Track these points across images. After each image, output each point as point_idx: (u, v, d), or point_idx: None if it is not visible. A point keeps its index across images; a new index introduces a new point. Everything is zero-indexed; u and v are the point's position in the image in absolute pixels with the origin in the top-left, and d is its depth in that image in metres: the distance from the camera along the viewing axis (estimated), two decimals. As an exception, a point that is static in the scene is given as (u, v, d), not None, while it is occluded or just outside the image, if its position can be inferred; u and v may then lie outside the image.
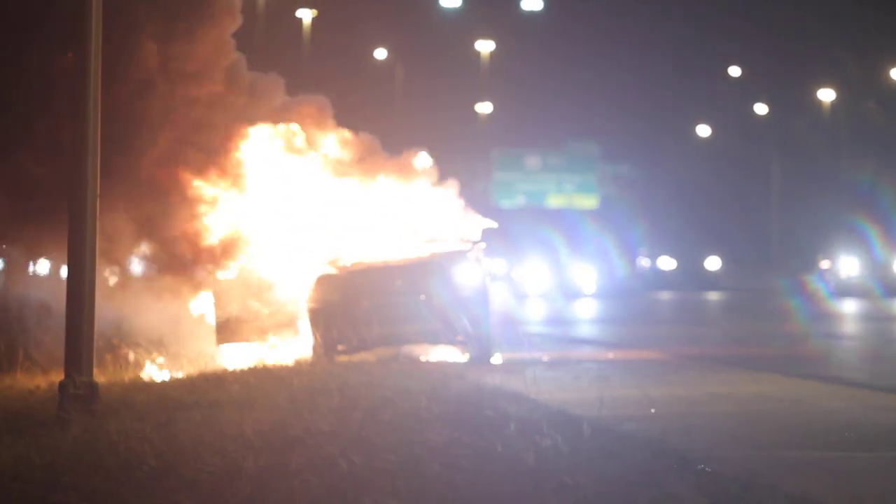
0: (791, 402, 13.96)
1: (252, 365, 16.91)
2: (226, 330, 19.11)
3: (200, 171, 19.11)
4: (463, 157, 65.62)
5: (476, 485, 8.39)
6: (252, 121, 19.64)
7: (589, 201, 72.51)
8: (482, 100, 67.23)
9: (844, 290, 48.98)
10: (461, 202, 20.46)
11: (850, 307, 40.23)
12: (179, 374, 16.83)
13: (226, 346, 19.06)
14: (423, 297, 18.77)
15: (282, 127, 19.84)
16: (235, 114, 19.52)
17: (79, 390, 12.06)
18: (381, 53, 61.53)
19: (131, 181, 18.34)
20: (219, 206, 19.30)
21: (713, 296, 53.89)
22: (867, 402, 14.07)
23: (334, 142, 20.16)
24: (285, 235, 19.58)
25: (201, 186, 19.11)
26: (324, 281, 18.87)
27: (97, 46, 12.38)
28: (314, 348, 18.41)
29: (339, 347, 18.41)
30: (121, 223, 18.12)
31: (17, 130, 18.13)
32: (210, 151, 19.17)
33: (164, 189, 18.89)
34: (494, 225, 20.88)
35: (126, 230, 18.37)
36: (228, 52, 19.54)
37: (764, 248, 73.32)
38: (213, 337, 19.11)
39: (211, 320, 19.31)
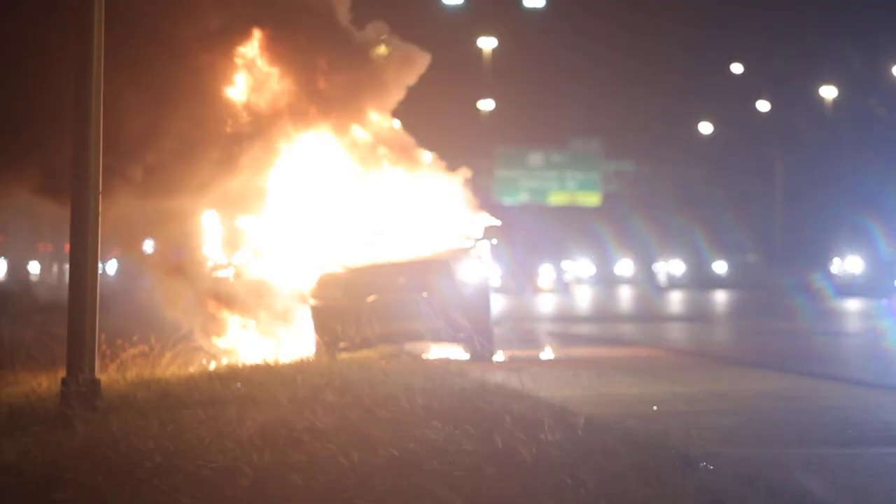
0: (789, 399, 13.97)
1: (254, 362, 16.92)
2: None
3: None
4: (465, 155, 65.70)
5: (477, 482, 8.40)
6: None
7: (592, 198, 72.52)
8: (484, 97, 67.25)
9: (849, 289, 47.51)
10: (466, 198, 20.43)
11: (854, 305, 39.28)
12: (181, 372, 16.83)
13: (226, 343, 19.09)
14: (425, 294, 18.78)
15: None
16: None
17: (81, 387, 12.04)
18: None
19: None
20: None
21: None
22: (866, 400, 14.08)
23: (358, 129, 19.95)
24: (291, 231, 19.55)
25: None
26: (327, 278, 18.88)
27: (99, 46, 12.38)
28: (317, 346, 18.42)
29: (342, 345, 18.41)
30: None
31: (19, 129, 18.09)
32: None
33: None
34: (498, 223, 20.88)
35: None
36: None
37: (767, 246, 73.29)
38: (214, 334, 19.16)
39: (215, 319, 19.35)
